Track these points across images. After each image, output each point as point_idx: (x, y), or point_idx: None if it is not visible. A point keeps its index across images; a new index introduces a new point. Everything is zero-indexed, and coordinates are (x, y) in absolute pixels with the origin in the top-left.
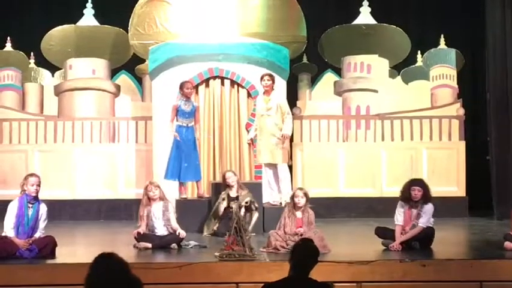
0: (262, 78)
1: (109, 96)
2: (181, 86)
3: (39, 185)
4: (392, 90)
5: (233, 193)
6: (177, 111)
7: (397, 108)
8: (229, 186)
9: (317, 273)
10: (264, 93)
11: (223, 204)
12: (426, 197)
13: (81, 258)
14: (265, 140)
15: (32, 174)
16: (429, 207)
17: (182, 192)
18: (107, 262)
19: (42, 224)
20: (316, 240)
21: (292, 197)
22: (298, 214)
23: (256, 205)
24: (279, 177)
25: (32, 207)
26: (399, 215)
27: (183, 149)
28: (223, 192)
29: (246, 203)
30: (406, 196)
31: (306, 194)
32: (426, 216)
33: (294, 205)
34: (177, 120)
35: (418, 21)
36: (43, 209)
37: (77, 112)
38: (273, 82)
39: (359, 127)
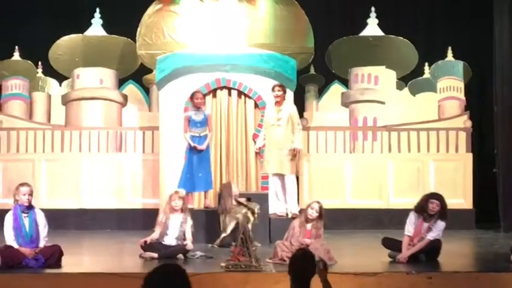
0: (273, 88)
1: (116, 106)
2: (191, 96)
3: (31, 194)
4: (399, 101)
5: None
6: (189, 122)
7: (404, 120)
8: (230, 198)
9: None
10: (275, 103)
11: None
12: (442, 214)
13: (87, 268)
14: (274, 150)
15: (23, 184)
16: (442, 224)
17: (189, 202)
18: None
19: (43, 231)
20: (322, 253)
21: (307, 208)
22: (308, 226)
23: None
24: (286, 188)
25: (27, 216)
26: (410, 226)
27: (196, 159)
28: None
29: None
30: (422, 207)
31: (320, 208)
32: (436, 232)
33: (306, 216)
34: (189, 131)
35: (426, 33)
36: (40, 215)
37: (84, 121)
38: (284, 93)
39: (366, 138)
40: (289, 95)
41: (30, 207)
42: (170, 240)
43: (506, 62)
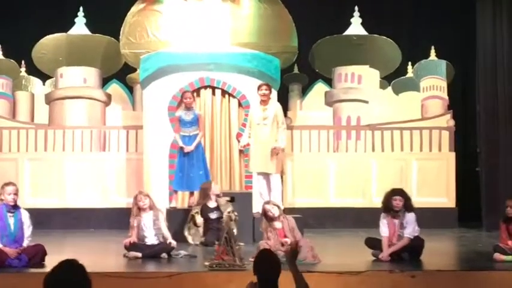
0: (260, 87)
1: (100, 105)
2: (181, 96)
3: (16, 194)
4: (382, 101)
5: (212, 204)
6: (179, 122)
7: (388, 119)
8: (208, 196)
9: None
10: (260, 102)
11: (199, 217)
12: (407, 206)
13: None
14: (260, 149)
15: (8, 183)
16: (411, 216)
17: (172, 200)
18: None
19: (27, 231)
20: (306, 250)
21: (264, 214)
22: (278, 225)
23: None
24: (271, 187)
25: (12, 216)
26: (383, 227)
27: (187, 158)
28: (196, 206)
29: (229, 212)
30: (387, 206)
31: (275, 204)
32: (410, 226)
33: (270, 219)
34: (180, 131)
35: (409, 33)
36: (25, 215)
37: (67, 121)
38: (270, 92)
39: (349, 138)
40: (273, 94)
41: (15, 207)
42: (151, 240)
43: (488, 61)
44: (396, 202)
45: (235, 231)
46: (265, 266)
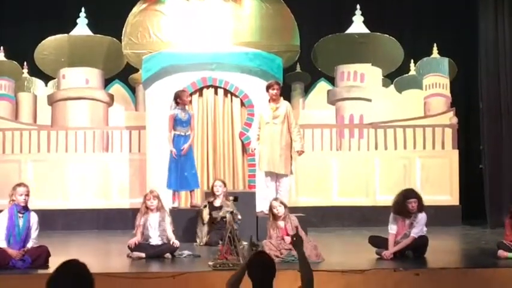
0: (271, 87)
1: (102, 105)
2: (180, 96)
3: (27, 195)
4: (385, 99)
5: (217, 202)
6: (175, 121)
7: (390, 117)
8: (214, 195)
9: None
10: (270, 101)
11: (206, 211)
12: (419, 207)
13: None
14: (269, 148)
15: (20, 184)
16: (422, 216)
17: (175, 201)
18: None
19: (34, 233)
20: (310, 249)
21: (270, 209)
22: (281, 224)
23: (239, 217)
24: (279, 186)
25: (22, 217)
26: (393, 224)
27: (182, 158)
28: (205, 200)
29: (224, 214)
30: (402, 210)
31: (282, 203)
32: (419, 227)
33: (274, 217)
34: (174, 130)
35: (411, 30)
36: (34, 218)
37: (70, 121)
38: (281, 90)
39: (352, 136)
40: None
41: (26, 208)
42: (155, 240)
43: (491, 58)
44: (412, 205)
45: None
46: (258, 269)
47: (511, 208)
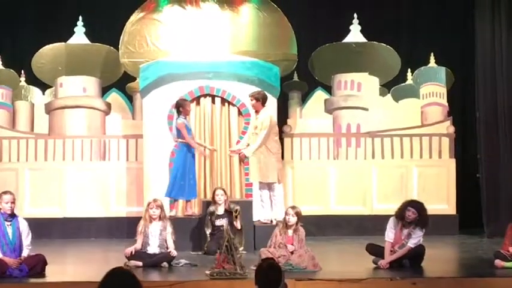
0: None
1: (100, 114)
2: (183, 105)
3: (13, 202)
4: (382, 108)
5: (220, 211)
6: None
7: (388, 126)
8: (216, 203)
9: None
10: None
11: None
12: (422, 222)
13: (72, 277)
14: (255, 158)
15: (5, 192)
16: (421, 233)
17: (172, 209)
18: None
19: (27, 239)
20: (307, 259)
21: (285, 215)
22: (289, 232)
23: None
24: (271, 195)
25: (10, 225)
26: (390, 232)
27: (189, 166)
28: (207, 209)
29: (236, 211)
30: (400, 214)
31: (297, 213)
32: (417, 238)
33: (285, 222)
34: (182, 138)
35: (408, 40)
36: (23, 224)
37: (67, 130)
38: (257, 101)
39: (349, 145)
40: (273, 102)
41: (13, 216)
42: (153, 249)
43: (488, 67)
44: (409, 214)
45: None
46: (266, 276)
47: None
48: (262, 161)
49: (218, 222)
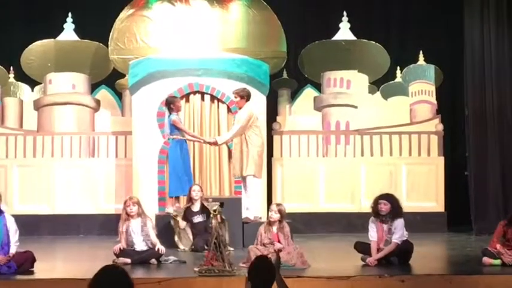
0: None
1: (89, 111)
2: (174, 102)
3: None
4: (371, 105)
5: (196, 207)
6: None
7: (377, 124)
8: (192, 200)
9: None
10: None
11: (181, 218)
12: (395, 212)
13: (60, 274)
14: (235, 153)
15: None
16: (399, 222)
17: (174, 204)
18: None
19: (14, 236)
20: (296, 256)
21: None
22: (274, 229)
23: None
24: (246, 190)
25: None
26: (372, 231)
27: (186, 162)
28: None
29: (215, 210)
30: (374, 210)
31: (280, 211)
32: (399, 232)
33: (268, 219)
34: (175, 134)
35: (398, 37)
36: (10, 220)
37: (56, 127)
38: (242, 98)
39: (338, 142)
40: (262, 99)
41: None
42: (139, 246)
43: (476, 65)
44: (381, 206)
45: (227, 236)
46: (259, 272)
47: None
48: (244, 153)
49: (195, 219)
